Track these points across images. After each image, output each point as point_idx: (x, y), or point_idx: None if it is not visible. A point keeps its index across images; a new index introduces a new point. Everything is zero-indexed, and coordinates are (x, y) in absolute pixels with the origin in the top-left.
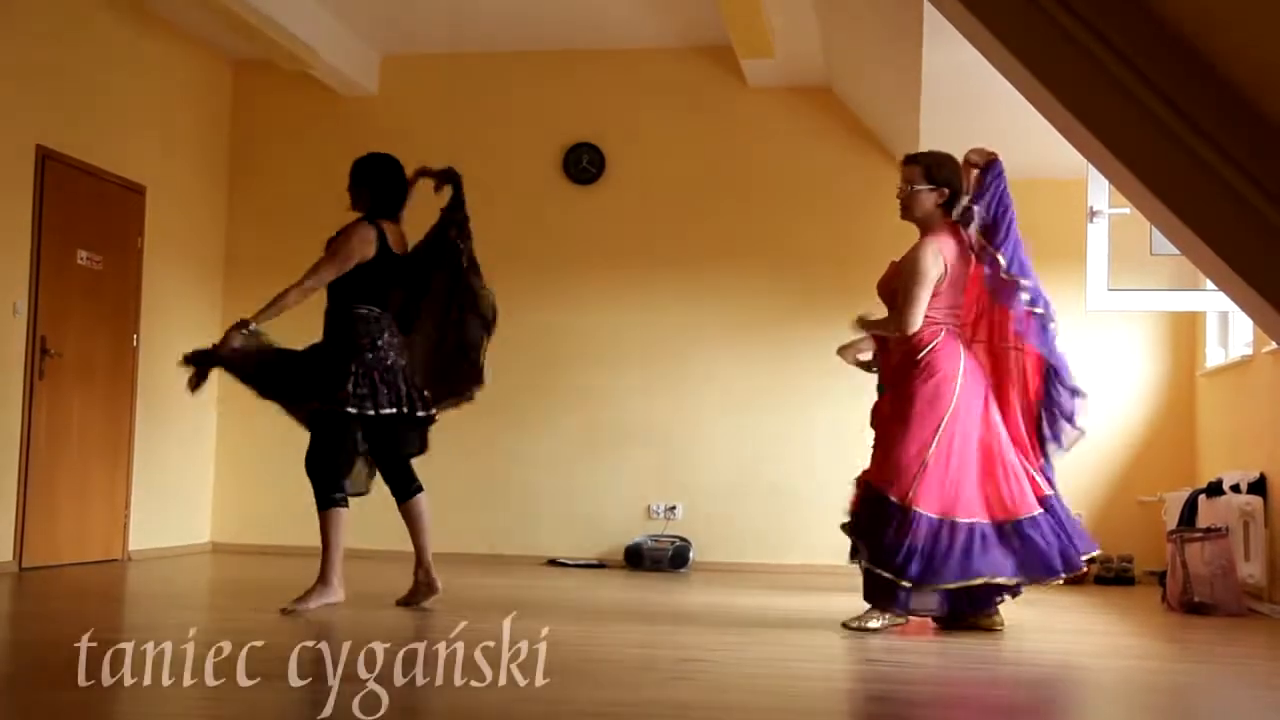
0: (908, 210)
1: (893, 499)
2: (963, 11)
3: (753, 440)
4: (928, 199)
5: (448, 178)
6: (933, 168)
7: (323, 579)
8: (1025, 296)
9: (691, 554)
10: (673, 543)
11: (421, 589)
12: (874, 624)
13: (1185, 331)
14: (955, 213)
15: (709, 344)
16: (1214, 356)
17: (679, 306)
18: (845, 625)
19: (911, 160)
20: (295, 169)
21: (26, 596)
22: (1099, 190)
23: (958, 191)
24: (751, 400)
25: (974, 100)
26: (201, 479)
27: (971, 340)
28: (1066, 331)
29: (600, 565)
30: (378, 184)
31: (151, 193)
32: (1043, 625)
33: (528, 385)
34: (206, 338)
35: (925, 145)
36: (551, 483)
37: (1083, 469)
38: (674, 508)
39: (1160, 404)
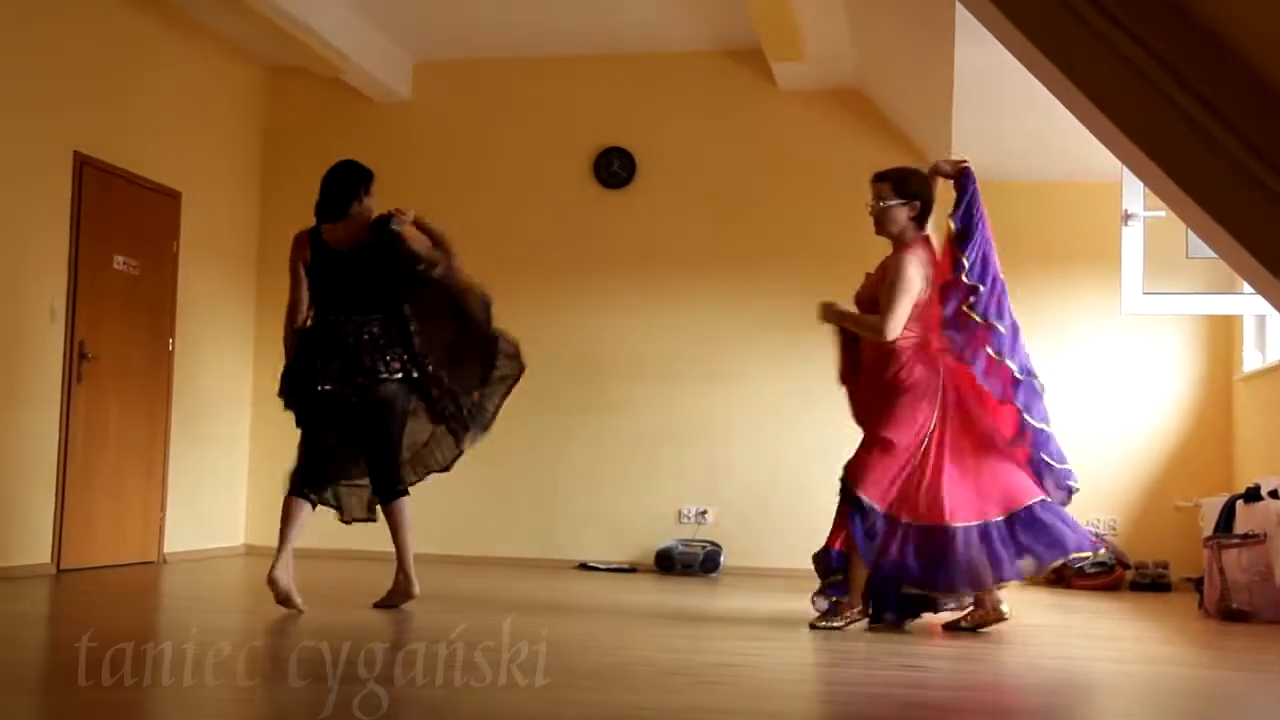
0: (881, 226)
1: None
2: (995, 13)
3: (784, 444)
4: (900, 213)
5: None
6: (901, 182)
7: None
8: (992, 343)
9: (722, 558)
10: (704, 547)
11: (399, 591)
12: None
13: (1221, 335)
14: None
15: (741, 347)
16: (1251, 361)
17: (710, 310)
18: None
19: (880, 177)
20: None
21: (63, 598)
22: (1134, 193)
23: (929, 204)
24: (783, 404)
25: (1006, 102)
26: (236, 481)
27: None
28: (1102, 336)
29: (631, 569)
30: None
31: (187, 198)
32: (1077, 631)
33: (559, 389)
34: (241, 341)
35: (957, 147)
36: (582, 487)
37: (1118, 474)
38: (705, 512)
39: (1196, 408)
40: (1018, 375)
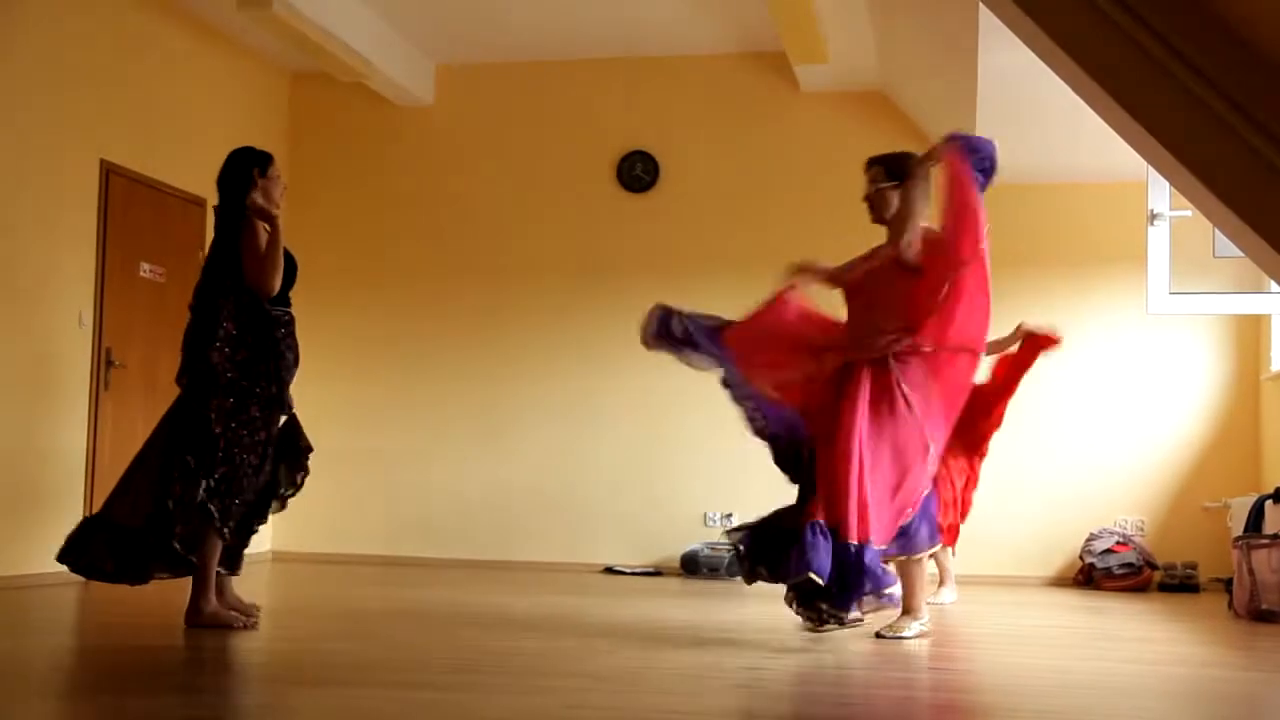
0: (876, 211)
1: None
2: (1019, 14)
3: None
4: (893, 196)
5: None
6: (893, 165)
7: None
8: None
9: None
10: (729, 550)
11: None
12: (910, 631)
13: (1249, 334)
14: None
15: None
16: (1279, 360)
17: (736, 312)
18: (880, 634)
19: (874, 162)
20: (352, 179)
21: (91, 604)
22: (1159, 193)
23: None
24: None
25: (1030, 103)
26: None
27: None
28: (1128, 336)
29: (656, 573)
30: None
31: (212, 205)
32: (1106, 633)
33: (583, 393)
34: None
35: None
36: (607, 491)
37: (1146, 475)
38: (730, 515)
39: (1224, 408)
40: None
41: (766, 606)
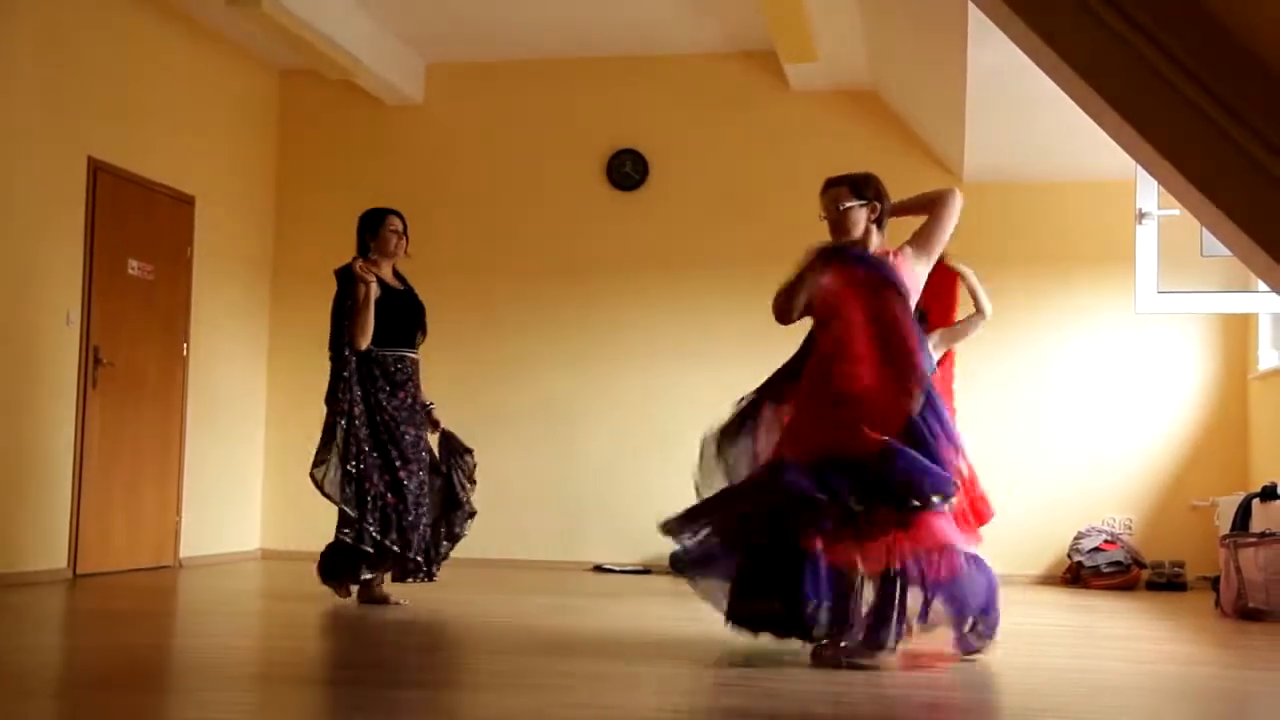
0: (842, 230)
1: None
2: (1008, 13)
3: None
4: (861, 215)
5: None
6: (858, 185)
7: None
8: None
9: None
10: None
11: None
12: None
13: (1237, 334)
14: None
15: (754, 349)
16: (1267, 359)
17: (723, 311)
18: None
19: (835, 182)
20: (342, 177)
21: (80, 602)
22: (1147, 191)
23: (887, 208)
24: None
25: (1019, 102)
26: (251, 486)
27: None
28: (1116, 335)
29: (645, 571)
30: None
31: (200, 203)
32: (1093, 631)
33: (572, 391)
34: (255, 345)
35: (970, 148)
36: (595, 488)
37: (1134, 474)
38: None
39: (1212, 407)
40: None
41: None
